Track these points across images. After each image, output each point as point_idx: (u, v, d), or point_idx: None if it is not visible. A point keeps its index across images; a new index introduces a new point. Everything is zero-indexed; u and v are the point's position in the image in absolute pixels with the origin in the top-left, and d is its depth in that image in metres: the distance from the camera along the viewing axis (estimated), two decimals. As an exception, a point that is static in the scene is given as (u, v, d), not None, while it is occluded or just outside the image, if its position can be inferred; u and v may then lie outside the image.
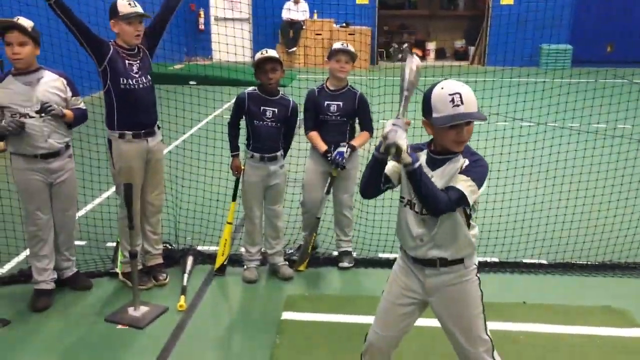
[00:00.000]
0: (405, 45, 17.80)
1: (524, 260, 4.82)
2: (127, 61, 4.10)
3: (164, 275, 4.53)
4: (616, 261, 4.79)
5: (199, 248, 4.98)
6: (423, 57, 17.52)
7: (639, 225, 5.14)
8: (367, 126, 4.62)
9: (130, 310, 4.06)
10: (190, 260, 4.70)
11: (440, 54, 17.98)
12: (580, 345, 3.72)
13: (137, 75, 4.12)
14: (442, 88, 2.50)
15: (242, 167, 4.51)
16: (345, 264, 4.75)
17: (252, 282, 4.52)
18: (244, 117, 4.43)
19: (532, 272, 4.70)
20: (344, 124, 4.56)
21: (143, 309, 4.07)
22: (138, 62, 4.15)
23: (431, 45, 17.81)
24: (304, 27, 15.87)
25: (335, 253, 4.90)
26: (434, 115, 2.50)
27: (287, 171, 4.63)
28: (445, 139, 2.54)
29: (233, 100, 4.55)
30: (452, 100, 2.45)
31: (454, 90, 2.47)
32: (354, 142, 4.56)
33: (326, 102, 4.49)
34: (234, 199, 4.69)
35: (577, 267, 4.75)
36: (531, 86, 6.81)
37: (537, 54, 16.41)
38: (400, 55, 17.51)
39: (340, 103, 4.49)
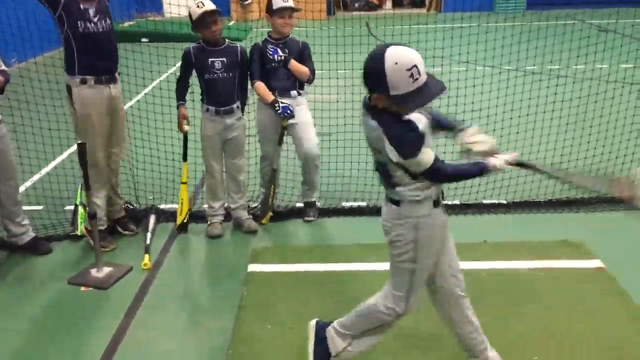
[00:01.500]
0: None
1: (484, 201, 4.91)
2: (82, 5, 3.96)
3: (133, 225, 4.51)
4: (572, 197, 4.92)
5: (161, 206, 4.93)
6: (379, 6, 17.36)
7: (594, 163, 5.27)
8: (310, 70, 4.49)
9: (94, 271, 4.01)
10: (152, 219, 4.65)
11: (396, 2, 17.84)
12: (539, 278, 3.85)
13: (95, 19, 3.99)
14: (396, 63, 2.31)
15: (188, 123, 4.40)
16: (310, 217, 4.78)
17: (216, 237, 4.51)
18: (194, 72, 4.33)
19: (492, 212, 4.81)
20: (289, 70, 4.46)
21: (106, 269, 4.03)
22: (95, 5, 4.01)
23: (388, -7, 17.64)
24: (256, -22, 15.47)
25: (300, 205, 4.91)
26: (393, 92, 2.35)
27: (245, 123, 4.55)
28: (405, 111, 2.43)
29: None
30: (412, 75, 2.32)
31: (410, 64, 2.32)
32: (293, 63, 4.42)
33: (272, 48, 4.42)
34: (184, 158, 4.57)
35: (534, 205, 4.87)
36: (484, 28, 6.82)
37: (493, -2, 16.43)
38: (357, 5, 17.19)
39: (287, 50, 4.44)
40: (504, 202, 4.93)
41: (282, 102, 4.37)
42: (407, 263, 2.69)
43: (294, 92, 4.52)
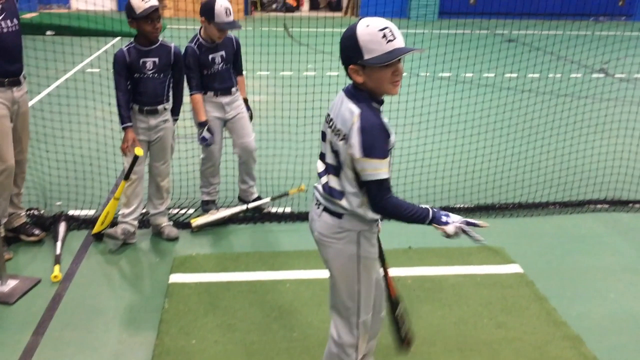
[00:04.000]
0: (279, -5, 17.48)
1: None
2: None
3: (37, 230, 4.22)
4: (489, 203, 5.07)
5: (72, 212, 4.61)
6: (297, 8, 17.35)
7: (504, 170, 5.47)
8: (241, 67, 4.66)
9: (-4, 285, 3.68)
10: (62, 226, 4.33)
11: (313, 5, 17.92)
12: (462, 284, 3.92)
13: None
14: (368, 26, 2.21)
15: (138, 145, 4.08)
16: (269, 206, 4.81)
17: (115, 238, 4.20)
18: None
19: (416, 218, 4.84)
20: (229, 69, 4.55)
21: (11, 282, 3.71)
22: (0, 3, 3.71)
23: (305, -4, 17.67)
24: (171, -26, 15.03)
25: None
26: (367, 57, 2.20)
27: (173, 126, 4.33)
28: (383, 82, 2.27)
29: (97, 53, 4.18)
30: (384, 36, 2.19)
31: (383, 25, 2.20)
32: (245, 96, 4.67)
33: (210, 56, 4.39)
34: (126, 177, 4.17)
35: (455, 211, 4.96)
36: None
37: (407, 5, 16.84)
38: (274, 5, 17.18)
39: (223, 53, 4.44)
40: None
41: (205, 133, 4.39)
42: (350, 283, 2.51)
43: (233, 89, 4.55)
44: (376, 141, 2.25)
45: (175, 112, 4.28)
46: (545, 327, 3.47)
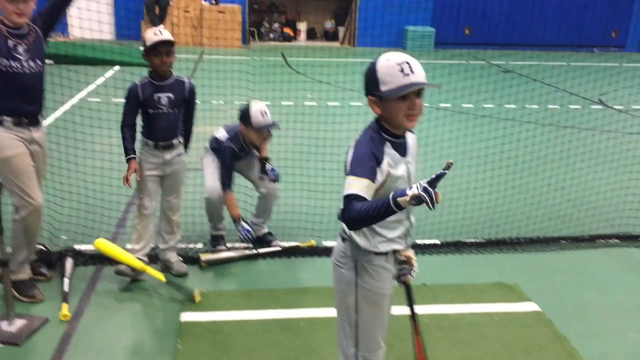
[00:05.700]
0: (276, 24, 17.60)
1: (418, 242, 4.90)
2: (10, 41, 3.61)
3: (45, 269, 4.15)
4: (501, 237, 5.02)
5: (78, 247, 4.51)
6: (294, 37, 17.47)
7: (512, 202, 5.44)
8: None
9: (4, 324, 3.56)
10: (69, 262, 4.23)
11: (310, 35, 18.05)
12: (479, 322, 3.85)
13: (22, 58, 3.65)
14: (388, 59, 2.29)
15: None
16: (279, 242, 4.74)
17: (124, 275, 4.13)
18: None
19: (427, 252, 4.81)
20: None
21: (19, 322, 3.60)
22: (26, 43, 3.67)
23: (302, 26, 17.79)
24: (170, 3, 15.10)
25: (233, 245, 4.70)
26: (383, 88, 2.28)
27: (186, 160, 4.29)
28: (397, 114, 2.30)
29: (98, 81, 4.14)
30: (402, 70, 2.25)
31: (402, 60, 2.28)
32: (265, 155, 4.71)
33: (245, 155, 4.57)
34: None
35: (467, 245, 4.92)
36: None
37: (403, 35, 17.00)
38: (272, 35, 17.30)
39: (256, 152, 4.64)
40: (438, 242, 4.95)
41: (244, 225, 4.38)
42: (348, 311, 2.51)
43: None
44: (358, 160, 2.28)
45: (185, 146, 4.25)
46: (568, 369, 3.41)
